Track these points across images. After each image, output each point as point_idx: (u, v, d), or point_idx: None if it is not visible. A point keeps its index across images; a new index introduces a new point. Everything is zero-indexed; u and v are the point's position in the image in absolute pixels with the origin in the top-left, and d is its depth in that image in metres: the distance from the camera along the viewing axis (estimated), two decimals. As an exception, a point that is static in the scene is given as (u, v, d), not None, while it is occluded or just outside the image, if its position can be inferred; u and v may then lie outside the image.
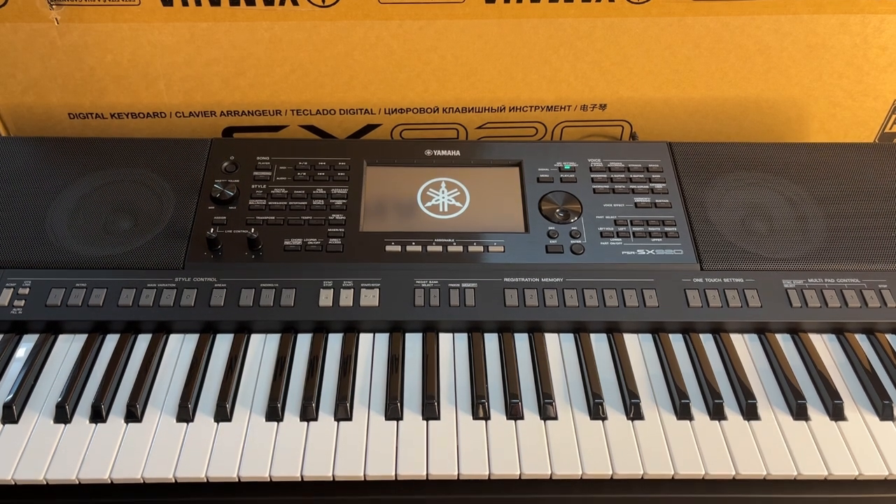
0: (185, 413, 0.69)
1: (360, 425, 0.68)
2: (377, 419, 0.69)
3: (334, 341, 0.76)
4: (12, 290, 0.77)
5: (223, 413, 0.69)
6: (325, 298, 0.77)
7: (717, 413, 0.70)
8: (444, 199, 0.87)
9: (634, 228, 0.84)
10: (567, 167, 0.90)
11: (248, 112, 1.02)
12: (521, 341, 0.77)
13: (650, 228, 0.84)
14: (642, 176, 0.89)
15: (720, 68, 1.00)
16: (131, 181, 0.87)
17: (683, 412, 0.70)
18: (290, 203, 0.85)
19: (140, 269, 0.79)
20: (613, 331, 0.77)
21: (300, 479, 0.65)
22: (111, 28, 0.91)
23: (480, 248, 0.82)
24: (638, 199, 0.87)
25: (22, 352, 0.74)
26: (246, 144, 0.92)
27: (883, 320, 0.78)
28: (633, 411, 0.70)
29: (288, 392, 0.71)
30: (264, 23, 0.92)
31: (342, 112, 1.03)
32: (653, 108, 1.04)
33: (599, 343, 0.77)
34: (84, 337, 0.76)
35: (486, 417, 0.69)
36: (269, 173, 0.88)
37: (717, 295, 0.79)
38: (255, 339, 0.76)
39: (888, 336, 0.78)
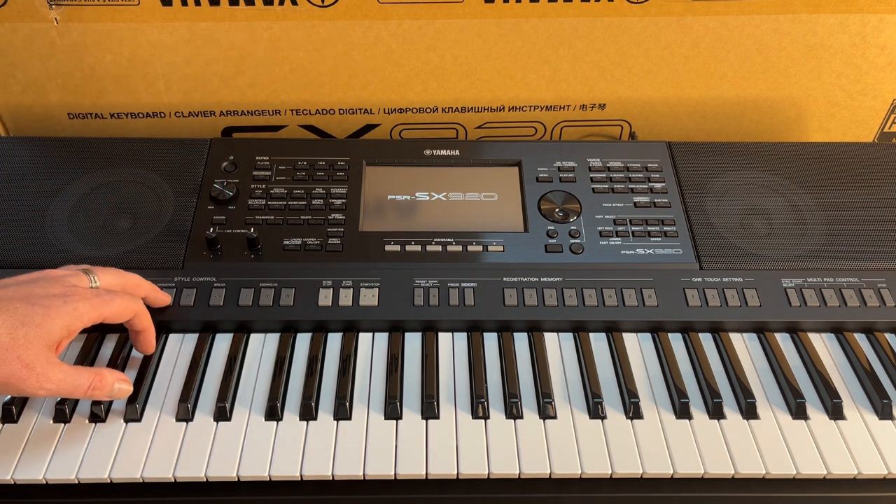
0: (185, 412, 0.69)
1: (359, 424, 0.68)
2: (376, 418, 0.69)
3: (333, 341, 0.76)
4: (12, 289, 0.77)
5: (222, 412, 0.69)
6: (325, 298, 0.77)
7: (716, 412, 0.70)
8: (442, 199, 0.87)
9: (633, 228, 0.84)
10: (566, 166, 0.90)
11: (248, 112, 1.02)
12: (521, 341, 0.77)
13: (649, 228, 0.84)
14: (641, 175, 0.89)
15: (719, 68, 1.00)
16: (131, 181, 0.87)
17: (682, 411, 0.70)
18: (290, 203, 0.85)
19: (139, 269, 0.78)
20: (613, 330, 0.78)
21: (299, 479, 0.65)
22: (110, 28, 0.91)
23: (480, 248, 0.82)
24: (637, 199, 0.87)
25: (21, 351, 0.74)
26: (245, 144, 0.92)
27: (882, 319, 0.78)
28: (633, 410, 0.70)
29: (287, 391, 0.71)
30: (263, 22, 0.92)
31: (341, 112, 1.03)
32: (652, 108, 1.04)
33: (599, 342, 0.77)
34: (84, 337, 0.76)
35: (486, 417, 0.69)
36: (269, 173, 0.88)
37: (716, 294, 0.79)
38: (255, 339, 0.77)
39: (887, 335, 0.79)
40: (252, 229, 0.81)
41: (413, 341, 0.76)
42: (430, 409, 0.69)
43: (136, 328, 0.71)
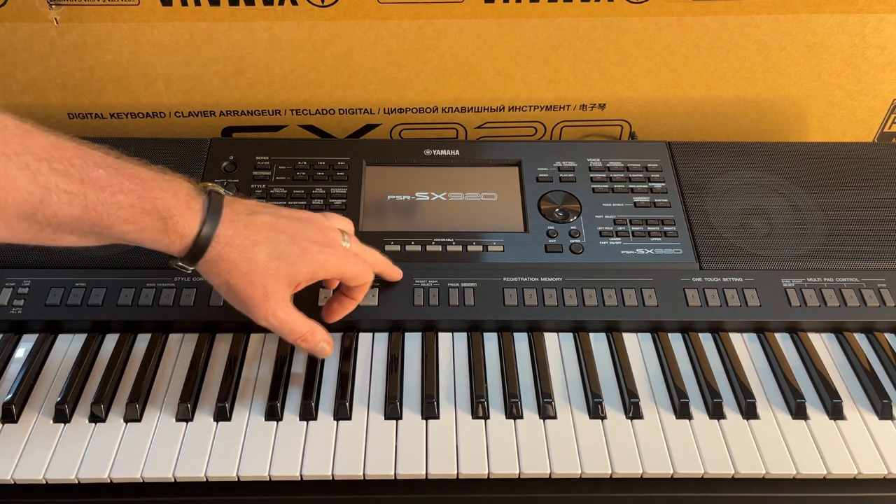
0: (185, 412, 0.69)
1: (359, 425, 0.68)
2: (376, 418, 0.69)
3: (333, 341, 0.76)
4: (11, 289, 0.77)
5: (222, 412, 0.69)
6: (325, 298, 0.77)
7: (716, 412, 0.70)
8: (442, 199, 0.87)
9: (633, 228, 0.84)
10: (566, 166, 0.90)
11: (248, 112, 1.02)
12: (521, 341, 0.77)
13: (649, 228, 0.84)
14: (641, 175, 0.89)
15: (719, 68, 1.00)
16: (131, 181, 0.87)
17: (682, 411, 0.70)
18: (290, 203, 0.85)
19: (139, 269, 0.79)
20: (613, 330, 0.77)
21: (299, 479, 0.65)
22: (110, 28, 0.91)
23: (480, 248, 0.82)
24: (637, 199, 0.87)
25: (21, 351, 0.74)
26: (245, 144, 0.92)
27: (882, 319, 0.78)
28: (633, 410, 0.70)
29: (287, 391, 0.71)
30: (263, 22, 0.92)
31: (341, 112, 1.03)
32: (652, 108, 1.04)
33: (599, 342, 0.77)
34: (83, 336, 0.76)
35: (486, 417, 0.69)
36: (269, 173, 0.88)
37: (716, 294, 0.79)
38: (255, 339, 0.76)
39: (887, 335, 0.78)
40: (252, 229, 0.80)
41: (413, 341, 0.76)
42: (430, 409, 0.69)
43: (352, 295, 0.74)
